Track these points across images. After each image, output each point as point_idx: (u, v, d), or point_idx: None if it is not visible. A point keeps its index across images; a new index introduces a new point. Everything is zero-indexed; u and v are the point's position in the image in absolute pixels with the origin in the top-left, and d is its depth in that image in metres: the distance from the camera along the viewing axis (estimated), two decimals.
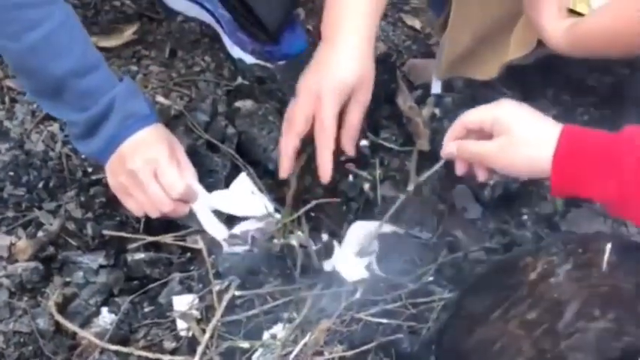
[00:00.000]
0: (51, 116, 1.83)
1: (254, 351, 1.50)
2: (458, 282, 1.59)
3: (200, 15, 2.08)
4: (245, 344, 1.50)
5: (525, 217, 1.73)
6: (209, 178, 1.71)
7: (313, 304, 1.55)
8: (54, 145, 1.84)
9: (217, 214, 1.67)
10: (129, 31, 2.06)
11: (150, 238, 1.65)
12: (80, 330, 1.53)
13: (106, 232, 1.67)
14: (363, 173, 1.77)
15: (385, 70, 1.84)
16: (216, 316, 1.52)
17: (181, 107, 1.86)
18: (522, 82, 1.87)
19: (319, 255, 1.63)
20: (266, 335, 1.52)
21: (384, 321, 1.53)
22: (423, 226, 1.70)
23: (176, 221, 1.66)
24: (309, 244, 1.62)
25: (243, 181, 1.71)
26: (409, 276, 1.60)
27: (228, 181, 1.72)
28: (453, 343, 1.40)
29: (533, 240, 1.68)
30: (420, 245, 1.66)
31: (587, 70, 1.91)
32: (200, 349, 1.47)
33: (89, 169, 1.80)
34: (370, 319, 1.53)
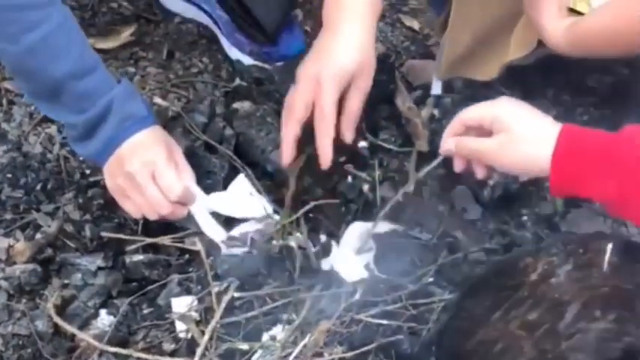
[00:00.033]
0: (49, 118, 1.83)
1: (253, 352, 1.49)
2: (458, 283, 1.59)
3: (197, 16, 2.08)
4: (244, 346, 1.50)
5: (525, 218, 1.73)
6: (207, 180, 1.71)
7: (312, 306, 1.54)
8: (52, 147, 1.84)
9: (216, 216, 1.66)
10: (126, 33, 2.06)
11: (148, 240, 1.64)
12: (79, 332, 1.53)
13: (104, 234, 1.67)
14: (362, 174, 1.77)
15: (384, 70, 1.84)
16: (216, 317, 1.51)
17: (179, 109, 1.85)
18: (522, 82, 1.87)
19: (318, 256, 1.63)
20: (265, 337, 1.52)
21: (384, 322, 1.52)
22: (422, 227, 1.69)
23: (174, 223, 1.65)
24: (308, 246, 1.61)
25: (242, 183, 1.71)
26: (409, 277, 1.59)
27: (227, 183, 1.72)
28: (453, 344, 1.40)
29: (533, 241, 1.67)
30: (419, 246, 1.65)
31: (587, 70, 1.91)
32: (199, 350, 1.47)
33: (87, 171, 1.79)
34: (370, 320, 1.53)
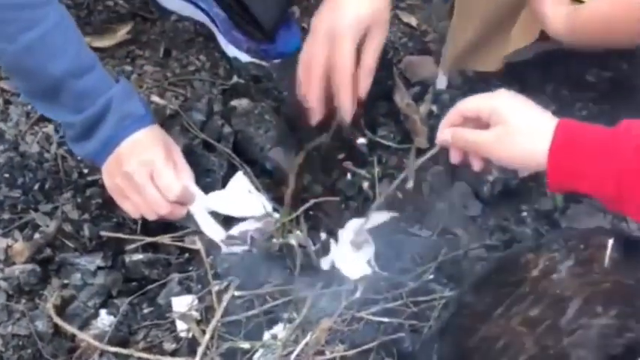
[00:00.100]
0: (46, 117, 1.82)
1: (255, 351, 1.50)
2: (458, 280, 1.59)
3: (194, 14, 2.07)
4: (245, 345, 1.50)
5: (525, 214, 1.73)
6: (206, 178, 1.70)
7: (313, 304, 1.54)
8: (49, 146, 1.83)
9: (215, 215, 1.66)
10: (122, 31, 2.05)
11: (148, 239, 1.64)
12: (79, 332, 1.53)
13: (103, 234, 1.66)
14: (362, 171, 1.77)
15: (382, 67, 1.83)
16: (216, 316, 1.51)
17: (177, 107, 1.85)
18: (521, 77, 1.87)
19: (318, 254, 1.62)
20: (266, 335, 1.52)
21: (385, 320, 1.53)
22: (422, 223, 1.70)
23: (174, 222, 1.65)
24: (308, 244, 1.61)
25: (240, 180, 1.70)
26: (409, 274, 1.59)
27: (225, 181, 1.71)
28: (455, 342, 1.39)
29: (534, 237, 1.68)
30: (420, 243, 1.65)
31: (587, 65, 1.91)
32: (200, 350, 1.47)
33: (85, 171, 1.79)
34: (371, 317, 1.53)
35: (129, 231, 1.67)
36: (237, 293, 1.55)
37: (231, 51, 2.00)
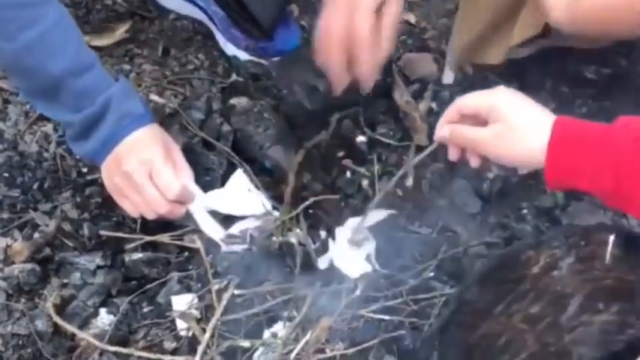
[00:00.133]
0: (44, 117, 1.82)
1: (255, 350, 1.49)
2: (459, 277, 1.59)
3: (192, 13, 2.07)
4: (246, 343, 1.49)
5: (525, 211, 1.73)
6: (205, 177, 1.70)
7: (313, 302, 1.54)
8: (48, 145, 1.83)
9: (214, 214, 1.66)
10: (121, 30, 2.05)
11: (147, 238, 1.64)
12: (79, 331, 1.52)
13: (102, 233, 1.66)
14: (361, 169, 1.77)
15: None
16: (216, 315, 1.51)
17: (176, 105, 1.85)
18: (521, 74, 1.87)
19: (318, 252, 1.62)
20: (266, 334, 1.52)
21: (386, 317, 1.53)
22: (422, 221, 1.69)
23: (173, 221, 1.65)
24: (308, 242, 1.61)
25: (240, 178, 1.70)
26: (410, 272, 1.59)
27: (225, 179, 1.71)
28: (456, 339, 1.39)
29: (534, 234, 1.68)
30: (420, 241, 1.65)
31: (586, 62, 1.91)
32: (200, 348, 1.47)
33: (84, 170, 1.78)
34: (371, 315, 1.53)
35: (128, 230, 1.67)
36: (237, 292, 1.55)
37: (230, 49, 2.00)
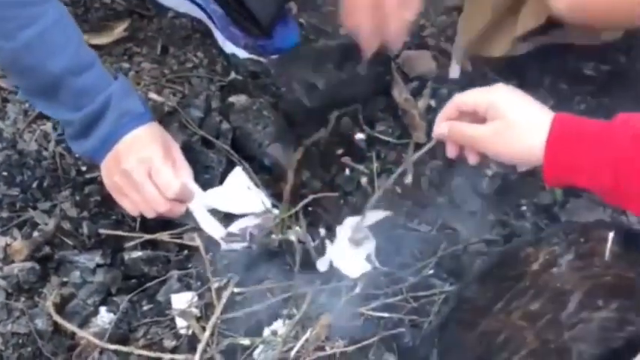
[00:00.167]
0: (43, 115, 1.81)
1: (255, 348, 1.49)
2: (458, 275, 1.59)
3: (191, 11, 2.07)
4: (246, 341, 1.50)
5: (524, 208, 1.73)
6: (205, 175, 1.70)
7: (313, 300, 1.54)
8: (47, 144, 1.82)
9: (214, 212, 1.65)
10: (119, 28, 2.05)
11: (147, 236, 1.64)
12: (79, 330, 1.52)
13: (102, 231, 1.66)
14: (360, 167, 1.77)
15: (380, 62, 1.84)
16: (216, 313, 1.51)
17: (175, 104, 1.85)
18: (520, 71, 1.87)
19: (317, 250, 1.62)
20: (266, 332, 1.52)
21: (386, 315, 1.53)
22: (421, 218, 1.69)
23: (173, 219, 1.65)
24: (307, 240, 1.61)
25: (239, 176, 1.70)
26: (409, 269, 1.59)
27: (224, 177, 1.71)
28: (455, 336, 1.39)
29: (533, 231, 1.67)
30: (419, 238, 1.65)
31: (584, 59, 1.91)
32: (200, 346, 1.47)
33: (83, 168, 1.78)
34: (371, 313, 1.53)
35: (128, 228, 1.67)
36: (236, 290, 1.55)
37: (229, 47, 2.00)
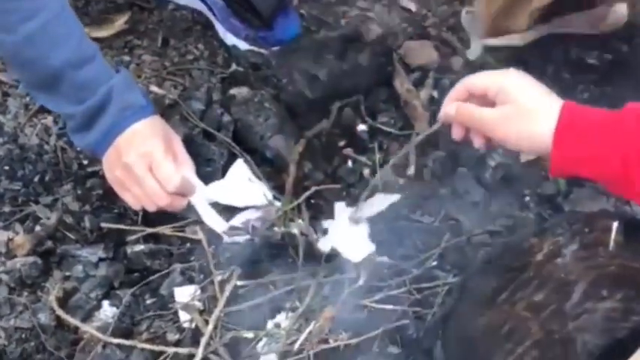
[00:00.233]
0: (44, 109, 1.81)
1: (258, 340, 1.49)
2: (462, 266, 1.59)
3: (192, 2, 2.07)
4: (249, 334, 1.49)
5: (528, 199, 1.72)
6: (206, 167, 1.70)
7: (316, 292, 1.54)
8: (48, 138, 1.82)
9: (216, 205, 1.65)
10: (120, 21, 2.04)
11: (149, 230, 1.63)
12: (82, 324, 1.52)
13: (104, 225, 1.65)
14: (362, 158, 1.77)
15: (381, 53, 1.83)
16: (219, 306, 1.50)
17: (176, 96, 1.84)
18: (522, 61, 1.86)
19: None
20: (270, 324, 1.52)
21: (389, 307, 1.52)
22: (424, 210, 1.69)
23: (175, 213, 1.64)
24: (310, 232, 1.60)
25: (240, 168, 1.69)
26: (412, 261, 1.59)
27: (226, 170, 1.71)
28: (459, 328, 1.39)
29: (537, 221, 1.67)
30: (422, 230, 1.65)
31: (587, 47, 1.91)
32: (204, 340, 1.46)
33: (85, 162, 1.78)
34: (375, 305, 1.52)
35: (130, 222, 1.67)
36: (239, 283, 1.54)
37: (230, 39, 1.99)
